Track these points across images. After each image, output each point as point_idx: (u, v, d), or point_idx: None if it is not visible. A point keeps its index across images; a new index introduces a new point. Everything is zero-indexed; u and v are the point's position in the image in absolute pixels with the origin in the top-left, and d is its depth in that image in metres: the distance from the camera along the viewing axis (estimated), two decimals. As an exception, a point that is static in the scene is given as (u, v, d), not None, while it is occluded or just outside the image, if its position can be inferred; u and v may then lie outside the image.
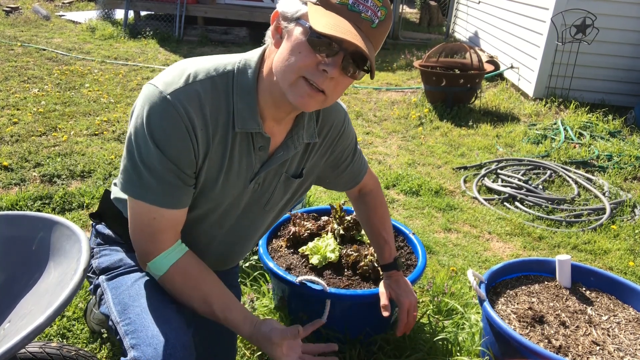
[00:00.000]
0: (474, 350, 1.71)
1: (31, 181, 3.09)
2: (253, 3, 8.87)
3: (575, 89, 5.31)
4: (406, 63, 7.43)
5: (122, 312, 1.15)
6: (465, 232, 2.91)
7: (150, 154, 1.03)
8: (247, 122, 1.10)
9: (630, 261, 2.65)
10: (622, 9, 5.02)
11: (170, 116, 1.01)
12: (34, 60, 6.16)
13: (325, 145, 1.34)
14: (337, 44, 0.96)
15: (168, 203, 1.08)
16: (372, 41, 0.99)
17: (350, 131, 1.40)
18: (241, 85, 1.09)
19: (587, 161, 3.92)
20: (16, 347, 0.79)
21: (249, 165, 1.18)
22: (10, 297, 1.09)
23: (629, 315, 1.68)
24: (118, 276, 1.25)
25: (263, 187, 1.25)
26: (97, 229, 1.37)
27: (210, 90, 1.06)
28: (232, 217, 1.26)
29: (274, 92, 1.07)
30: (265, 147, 1.17)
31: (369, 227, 1.59)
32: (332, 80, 1.00)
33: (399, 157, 4.04)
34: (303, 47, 0.97)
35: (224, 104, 1.08)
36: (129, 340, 1.09)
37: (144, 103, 1.03)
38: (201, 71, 1.07)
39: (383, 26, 1.00)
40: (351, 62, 0.99)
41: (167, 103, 1.01)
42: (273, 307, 1.84)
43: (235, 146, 1.13)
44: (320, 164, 1.37)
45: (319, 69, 0.98)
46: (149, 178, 1.05)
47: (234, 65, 1.10)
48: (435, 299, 2.00)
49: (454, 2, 9.32)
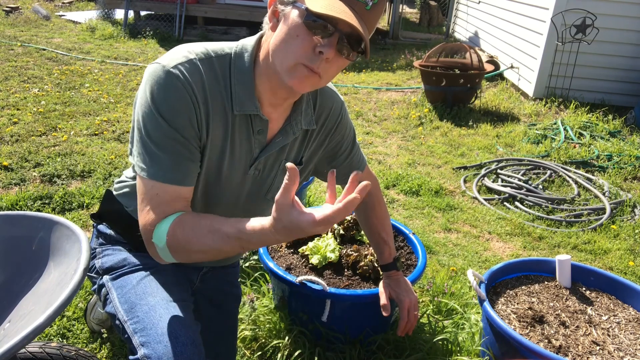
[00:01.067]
0: (474, 350, 1.71)
1: (31, 181, 3.09)
2: (253, 3, 8.87)
3: (575, 88, 5.31)
4: (406, 63, 7.43)
5: (129, 310, 1.16)
6: (465, 232, 2.91)
7: (158, 128, 1.03)
8: (245, 104, 1.11)
9: (630, 261, 2.65)
10: (622, 9, 5.02)
11: (175, 87, 1.03)
12: (34, 60, 6.16)
13: (323, 133, 1.34)
14: (333, 26, 0.98)
15: (175, 179, 1.06)
16: (367, 23, 1.02)
17: (348, 122, 1.40)
18: (239, 68, 1.11)
19: (587, 161, 3.92)
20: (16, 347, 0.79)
21: (248, 150, 1.18)
22: (10, 297, 1.09)
23: (629, 315, 1.68)
24: (122, 275, 1.25)
25: (263, 175, 1.25)
26: (98, 229, 1.37)
27: (209, 70, 1.08)
28: (236, 207, 1.26)
29: (271, 76, 1.09)
30: (263, 130, 1.17)
31: (368, 227, 1.58)
32: (327, 62, 1.02)
33: (399, 157, 4.04)
34: (300, 29, 0.99)
35: (222, 85, 1.10)
36: (138, 338, 1.09)
37: (148, 80, 1.05)
38: (201, 52, 1.09)
39: (377, 8, 1.02)
40: (346, 44, 1.00)
41: (171, 75, 1.03)
42: (273, 307, 1.84)
43: (235, 130, 1.14)
44: (319, 152, 1.37)
45: (316, 51, 1.00)
46: (158, 153, 1.04)
47: (231, 49, 1.13)
48: (435, 299, 2.00)
49: (454, 2, 9.32)
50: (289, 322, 1.75)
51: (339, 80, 6.52)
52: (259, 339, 1.77)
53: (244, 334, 1.78)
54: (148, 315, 1.12)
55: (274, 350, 1.72)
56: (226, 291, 1.52)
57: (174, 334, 1.08)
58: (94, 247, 1.36)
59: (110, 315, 1.22)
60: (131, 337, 1.11)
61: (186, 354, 1.05)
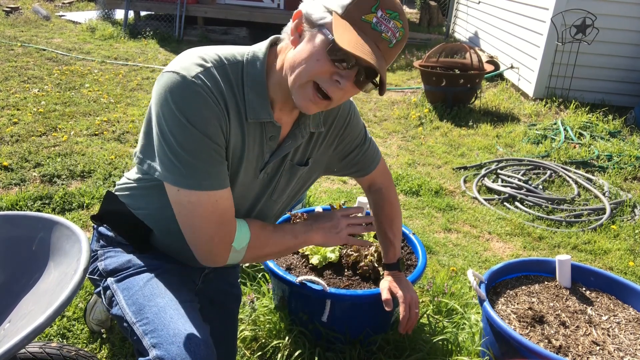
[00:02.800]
0: (474, 350, 1.71)
1: (31, 181, 3.09)
2: (253, 3, 8.87)
3: (575, 89, 5.31)
4: (406, 63, 7.43)
5: (138, 312, 1.15)
6: (465, 232, 2.92)
7: (191, 138, 1.03)
8: (259, 112, 1.12)
9: (630, 261, 2.65)
10: (622, 9, 5.02)
11: (200, 95, 1.03)
12: (34, 60, 6.16)
13: (332, 135, 1.36)
14: (355, 59, 1.00)
15: (223, 184, 1.09)
16: (386, 59, 1.05)
17: (358, 121, 1.42)
18: (251, 76, 1.12)
19: (587, 161, 3.92)
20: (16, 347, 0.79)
21: (260, 155, 1.20)
22: (10, 297, 1.09)
23: (629, 315, 1.68)
24: (128, 277, 1.24)
25: (270, 177, 1.27)
26: (99, 231, 1.36)
27: (224, 78, 1.09)
28: (242, 209, 1.27)
29: (283, 87, 1.11)
30: (275, 136, 1.19)
31: (377, 223, 1.59)
32: (341, 90, 1.05)
33: (399, 157, 4.04)
34: (322, 56, 1.01)
35: (237, 93, 1.11)
36: (149, 340, 1.08)
37: (168, 91, 1.03)
38: (214, 59, 1.09)
39: (399, 45, 1.05)
40: (364, 77, 1.04)
41: (193, 84, 1.03)
42: (273, 307, 1.84)
43: (250, 136, 1.15)
44: (329, 153, 1.40)
45: (332, 78, 1.03)
46: (195, 163, 1.04)
47: (242, 57, 1.13)
48: (435, 299, 2.00)
49: (454, 2, 9.32)
50: (289, 322, 1.75)
51: (339, 81, 6.51)
52: (259, 339, 1.77)
53: (244, 334, 1.78)
54: (158, 317, 1.11)
55: (274, 351, 1.72)
56: (227, 291, 1.52)
57: (186, 334, 1.07)
58: (95, 249, 1.35)
59: (117, 317, 1.21)
60: (141, 339, 1.10)
61: (199, 354, 1.05)
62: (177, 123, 1.02)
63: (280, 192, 1.32)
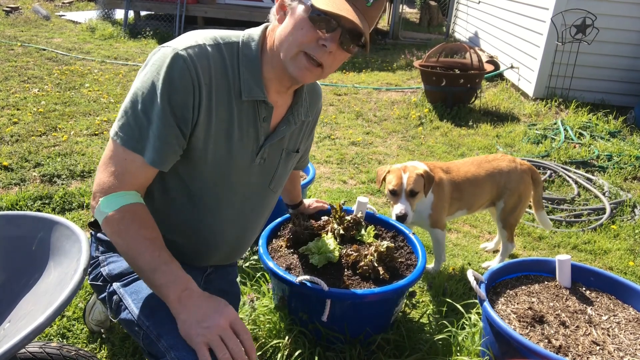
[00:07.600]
0: (474, 350, 1.71)
1: (31, 181, 3.09)
2: (253, 3, 8.87)
3: (575, 88, 5.31)
4: (406, 63, 7.43)
5: (150, 315, 1.14)
6: (465, 232, 2.91)
7: (155, 105, 1.08)
8: (253, 90, 1.18)
9: (630, 261, 2.65)
10: (622, 9, 5.02)
11: (179, 67, 1.08)
12: (34, 60, 6.16)
13: (310, 125, 1.48)
14: (336, 21, 1.06)
15: (154, 161, 1.10)
16: (367, 18, 1.10)
17: None
18: (247, 56, 1.18)
19: (587, 161, 3.92)
20: (16, 347, 0.79)
21: (255, 138, 1.25)
22: (10, 297, 1.09)
23: (629, 315, 1.68)
24: (135, 281, 1.24)
25: (267, 163, 1.32)
26: (98, 237, 1.35)
27: (217, 55, 1.14)
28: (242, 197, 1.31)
29: (275, 65, 1.17)
30: (268, 118, 1.25)
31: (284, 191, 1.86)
32: (330, 54, 1.11)
33: (399, 157, 4.04)
34: (305, 23, 1.08)
35: (230, 71, 1.16)
36: (166, 342, 1.07)
37: (155, 61, 1.09)
38: (210, 38, 1.16)
39: (377, 4, 1.10)
40: (348, 38, 1.09)
41: (178, 56, 1.08)
42: (273, 307, 1.84)
43: (242, 115, 1.20)
44: (307, 142, 1.53)
45: (319, 44, 1.09)
46: (148, 128, 1.09)
47: (238, 38, 1.20)
48: (435, 299, 2.00)
49: (454, 2, 9.32)
50: (289, 322, 1.75)
51: (339, 81, 6.52)
52: (259, 339, 1.77)
53: (244, 334, 1.78)
54: (171, 318, 1.09)
55: (274, 350, 1.72)
56: (226, 290, 1.52)
57: None
58: (96, 255, 1.34)
59: (127, 321, 1.19)
60: (156, 342, 1.09)
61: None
62: (149, 87, 1.08)
63: (278, 182, 1.40)
